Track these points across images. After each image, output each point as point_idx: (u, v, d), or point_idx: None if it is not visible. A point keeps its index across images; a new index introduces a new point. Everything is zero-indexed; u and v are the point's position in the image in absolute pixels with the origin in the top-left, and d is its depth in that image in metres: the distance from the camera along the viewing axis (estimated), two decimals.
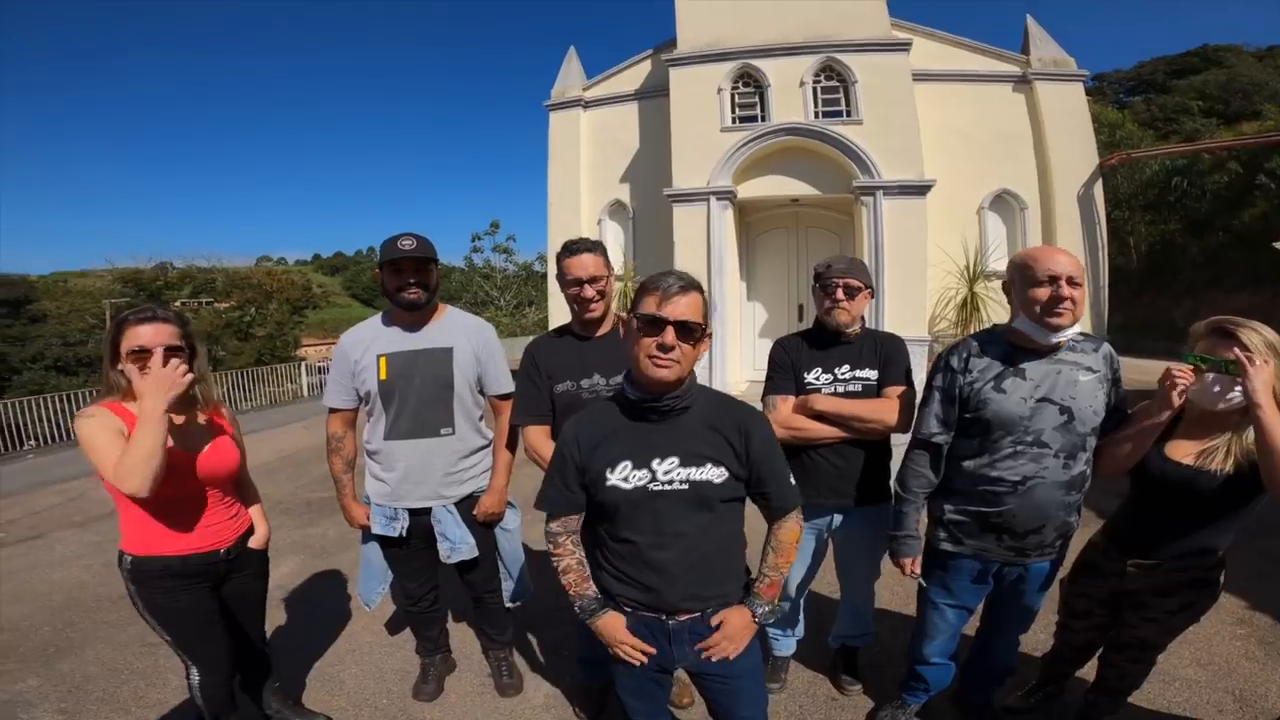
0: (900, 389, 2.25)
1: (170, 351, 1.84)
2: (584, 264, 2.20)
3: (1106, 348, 1.94)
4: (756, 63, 9.02)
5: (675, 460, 1.52)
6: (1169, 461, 1.83)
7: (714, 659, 1.59)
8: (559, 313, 10.41)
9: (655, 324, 1.45)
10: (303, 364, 17.53)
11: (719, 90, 9.10)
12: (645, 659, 1.60)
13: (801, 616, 2.62)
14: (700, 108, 9.13)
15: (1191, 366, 1.72)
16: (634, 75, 10.54)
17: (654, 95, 10.08)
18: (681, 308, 1.45)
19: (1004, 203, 9.40)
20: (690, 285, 1.49)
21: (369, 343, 2.38)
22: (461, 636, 3.11)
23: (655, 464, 1.52)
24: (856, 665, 2.67)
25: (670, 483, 1.51)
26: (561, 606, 3.10)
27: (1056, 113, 9.17)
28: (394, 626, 3.29)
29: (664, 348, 1.45)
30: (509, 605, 2.68)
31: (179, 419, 1.94)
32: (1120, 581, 1.99)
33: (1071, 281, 1.78)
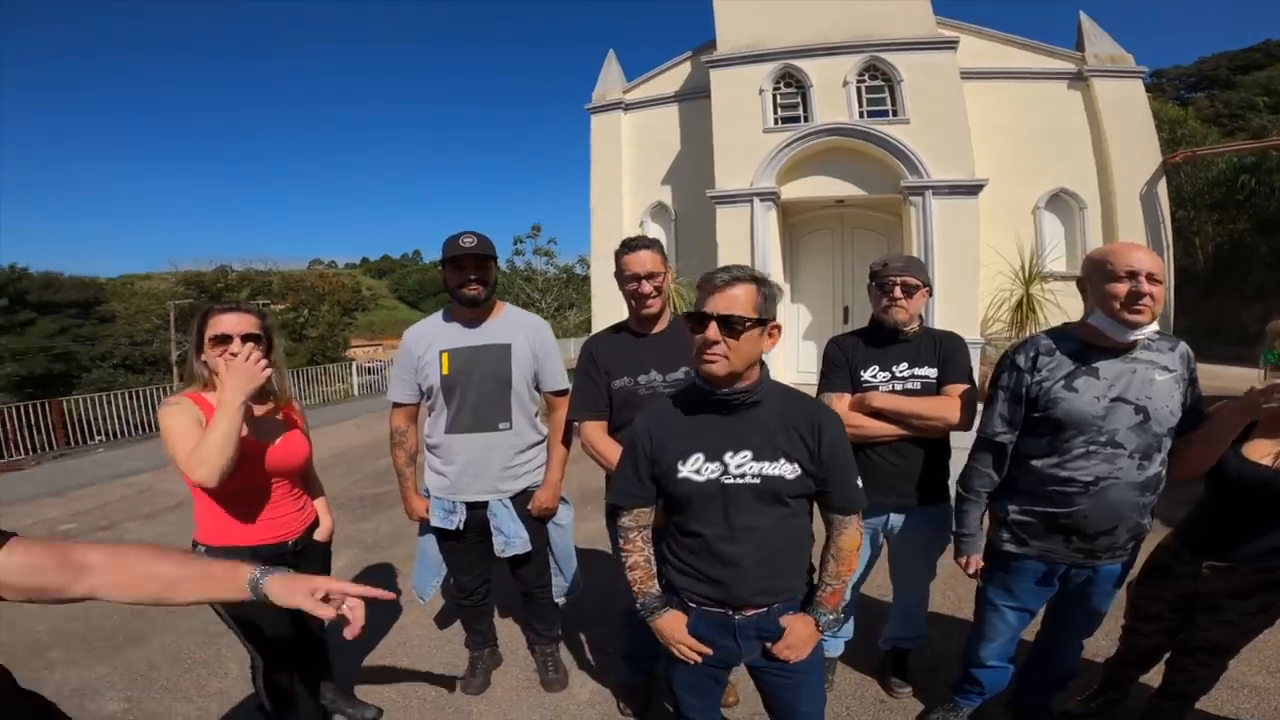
0: (963, 387, 2.20)
1: (248, 339, 1.93)
2: (642, 260, 2.21)
3: (1183, 346, 1.88)
4: (798, 63, 8.97)
5: (748, 454, 1.51)
6: (1246, 462, 1.77)
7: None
8: (602, 315, 10.50)
9: (699, 319, 1.46)
10: (353, 364, 18.07)
11: (760, 91, 9.07)
12: (701, 658, 1.60)
13: (851, 617, 2.59)
14: (742, 109, 9.11)
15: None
16: (674, 77, 10.60)
17: (695, 97, 10.11)
18: (724, 302, 1.44)
19: (1062, 202, 9.12)
20: (738, 278, 1.46)
21: (431, 338, 2.43)
22: (507, 632, 3.14)
23: (728, 457, 1.51)
24: (907, 668, 2.63)
25: (742, 476, 1.50)
26: (608, 603, 3.14)
27: (1116, 110, 8.88)
28: (442, 620, 3.35)
29: (706, 343, 1.44)
30: (559, 600, 2.70)
31: (256, 410, 2.02)
32: (1193, 584, 1.94)
33: (1151, 278, 1.73)
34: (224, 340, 1.91)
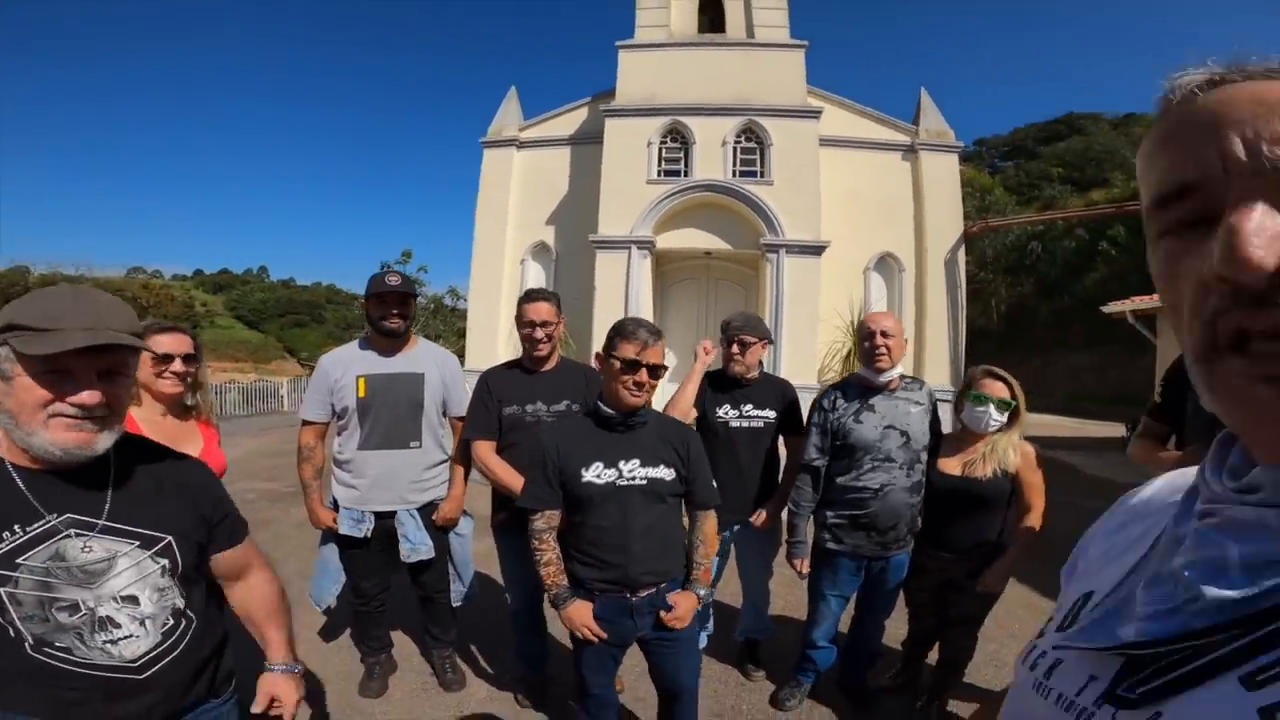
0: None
1: (187, 360, 2.05)
2: (539, 310, 2.63)
3: (929, 387, 2.62)
4: (686, 120, 9.43)
5: (637, 462, 1.96)
6: (941, 474, 2.45)
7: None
8: (477, 347, 10.26)
9: (635, 366, 1.91)
10: None
11: (649, 143, 9.44)
12: (606, 637, 1.93)
13: (710, 616, 3.03)
14: (630, 158, 9.43)
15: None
16: (570, 120, 10.71)
17: (587, 142, 10.26)
18: (656, 354, 1.95)
19: (886, 265, 10.09)
20: (659, 335, 1.97)
21: (349, 364, 2.71)
22: (398, 640, 3.25)
23: (622, 464, 1.94)
24: (759, 657, 3.09)
25: (633, 479, 1.94)
26: (493, 616, 3.38)
27: (934, 181, 9.87)
28: (330, 632, 3.41)
29: (639, 384, 1.93)
30: (456, 604, 2.94)
31: (179, 423, 2.09)
32: (941, 574, 2.49)
33: (886, 334, 2.42)
34: (165, 359, 1.99)
